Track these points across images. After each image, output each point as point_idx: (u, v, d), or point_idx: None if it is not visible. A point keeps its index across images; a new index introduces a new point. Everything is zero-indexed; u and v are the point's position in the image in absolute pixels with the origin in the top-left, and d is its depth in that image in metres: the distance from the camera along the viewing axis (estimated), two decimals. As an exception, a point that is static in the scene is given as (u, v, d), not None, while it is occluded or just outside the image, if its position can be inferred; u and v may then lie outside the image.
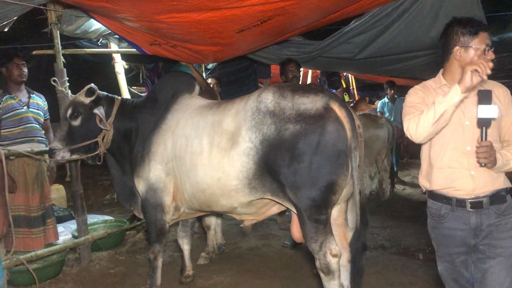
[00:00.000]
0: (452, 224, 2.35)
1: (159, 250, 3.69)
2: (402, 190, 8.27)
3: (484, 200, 2.26)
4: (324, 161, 2.77)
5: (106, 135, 3.69)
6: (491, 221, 2.26)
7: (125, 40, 4.43)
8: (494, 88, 2.27)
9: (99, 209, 7.20)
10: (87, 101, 3.69)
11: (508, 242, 2.25)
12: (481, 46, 2.22)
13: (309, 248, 2.93)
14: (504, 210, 2.28)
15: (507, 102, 2.31)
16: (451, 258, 2.41)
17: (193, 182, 3.27)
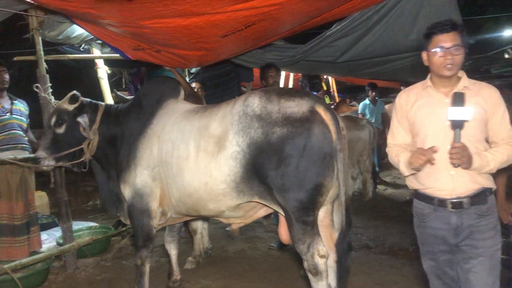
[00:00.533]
0: (434, 224, 2.41)
1: (147, 255, 3.68)
2: (384, 190, 8.41)
3: (464, 201, 2.30)
4: (310, 163, 2.81)
5: (91, 142, 3.68)
6: (472, 222, 2.30)
7: (108, 45, 4.42)
8: (481, 89, 2.34)
9: (82, 215, 7.12)
10: (71, 108, 3.67)
11: (489, 242, 2.30)
12: (437, 49, 2.28)
13: (297, 249, 2.97)
14: (485, 211, 2.31)
15: (494, 103, 2.32)
16: (434, 256, 2.47)
17: (180, 187, 3.28)
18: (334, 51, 4.89)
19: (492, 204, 2.36)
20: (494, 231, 2.32)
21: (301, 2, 3.24)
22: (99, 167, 3.87)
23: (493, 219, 2.33)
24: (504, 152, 2.26)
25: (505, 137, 2.30)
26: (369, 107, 8.47)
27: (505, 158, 2.26)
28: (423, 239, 2.51)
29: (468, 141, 2.25)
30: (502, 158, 2.25)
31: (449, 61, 2.26)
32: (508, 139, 2.29)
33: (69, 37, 4.54)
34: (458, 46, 2.25)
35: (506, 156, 2.26)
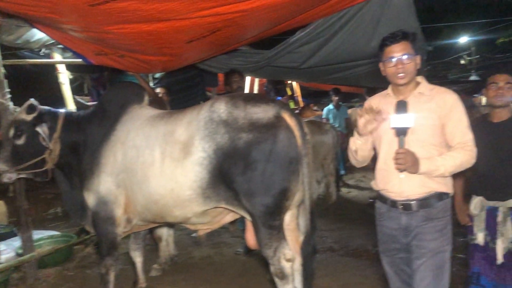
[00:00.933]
0: (388, 223, 2.53)
1: (111, 263, 3.61)
2: (347, 193, 8.56)
3: (413, 203, 2.39)
4: (276, 168, 2.85)
5: (52, 151, 3.59)
6: (419, 223, 2.39)
7: (69, 50, 4.33)
8: (437, 95, 2.40)
9: (43, 224, 6.90)
10: (29, 118, 3.56)
11: (433, 243, 2.38)
12: (388, 60, 2.39)
13: (264, 254, 3.00)
14: (433, 214, 2.38)
15: (448, 108, 2.36)
16: (390, 254, 2.58)
17: (145, 194, 3.24)
18: (298, 57, 4.97)
19: (443, 208, 2.41)
20: (439, 234, 2.38)
21: (265, 9, 3.28)
22: (62, 175, 3.78)
23: (440, 222, 2.39)
24: (457, 157, 2.31)
25: (460, 141, 2.34)
26: (333, 112, 8.62)
27: (458, 163, 2.30)
28: (380, 237, 2.63)
29: (420, 146, 2.34)
30: (454, 163, 2.30)
31: (400, 70, 2.36)
32: (463, 144, 2.33)
33: (28, 41, 4.42)
34: (408, 55, 2.34)
35: (459, 161, 2.30)
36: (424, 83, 2.47)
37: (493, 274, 2.98)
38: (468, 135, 2.36)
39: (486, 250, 3.01)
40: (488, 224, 2.98)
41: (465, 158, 2.31)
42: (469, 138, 2.35)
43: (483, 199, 2.98)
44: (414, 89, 2.45)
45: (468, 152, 2.31)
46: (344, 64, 5.30)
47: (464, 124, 2.36)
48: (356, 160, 2.66)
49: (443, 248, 2.39)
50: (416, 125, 2.34)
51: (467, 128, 2.37)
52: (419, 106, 2.39)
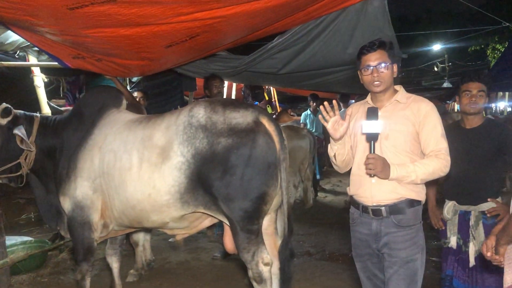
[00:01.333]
0: (360, 228, 2.57)
1: (87, 269, 3.57)
2: (324, 197, 8.65)
3: (383, 209, 2.42)
4: (255, 173, 2.89)
5: (28, 155, 3.56)
6: (390, 230, 2.41)
7: (46, 53, 4.27)
8: (412, 103, 2.46)
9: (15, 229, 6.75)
10: (4, 122, 3.53)
11: (403, 252, 2.39)
12: (364, 68, 2.47)
13: (242, 258, 3.02)
14: (403, 221, 2.40)
15: (423, 116, 2.40)
16: (362, 259, 2.62)
17: (123, 199, 3.22)
18: (275, 63, 5.01)
19: (414, 215, 2.43)
20: (410, 243, 2.40)
21: (243, 16, 3.30)
22: (37, 180, 3.73)
23: (410, 230, 2.41)
24: (429, 164, 2.33)
25: (434, 149, 2.36)
26: (310, 117, 8.71)
27: (430, 170, 2.32)
28: (353, 242, 2.66)
29: (393, 152, 2.41)
30: (426, 170, 2.32)
31: (376, 78, 2.43)
32: (436, 151, 2.35)
33: (2, 43, 4.34)
34: (384, 64, 2.41)
35: (431, 168, 2.32)
36: (402, 92, 2.53)
37: (465, 276, 3.07)
38: (442, 144, 2.38)
39: (459, 253, 3.10)
40: (460, 228, 3.08)
41: (437, 166, 2.33)
42: (443, 146, 2.37)
43: (456, 203, 3.07)
44: (392, 97, 2.51)
45: (441, 161, 2.33)
46: (321, 71, 5.36)
47: (438, 133, 2.39)
48: (336, 166, 2.69)
49: (414, 257, 2.41)
50: (391, 132, 2.42)
51: (442, 136, 2.39)
52: (394, 113, 2.46)
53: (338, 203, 8.13)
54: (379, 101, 2.53)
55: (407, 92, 2.57)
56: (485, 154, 2.98)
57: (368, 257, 2.57)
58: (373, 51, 2.43)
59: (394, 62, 2.47)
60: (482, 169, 2.98)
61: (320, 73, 5.49)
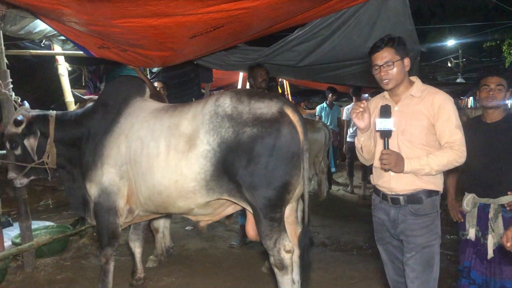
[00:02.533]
0: (379, 214, 2.70)
1: (111, 253, 3.68)
2: (337, 191, 8.70)
3: (401, 198, 2.53)
4: (279, 162, 2.95)
5: (50, 154, 3.72)
6: (406, 218, 2.52)
7: (72, 42, 4.36)
8: (427, 96, 2.50)
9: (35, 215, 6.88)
10: (19, 130, 3.69)
11: (420, 239, 2.50)
12: (373, 67, 2.54)
13: (264, 245, 3.09)
14: (419, 210, 2.50)
15: (437, 109, 2.45)
16: (384, 242, 2.75)
17: (149, 185, 3.31)
18: (295, 56, 5.05)
19: (431, 204, 2.51)
20: (426, 230, 2.49)
21: (267, 7, 3.36)
22: (64, 172, 3.88)
23: (427, 218, 2.50)
24: (443, 156, 2.39)
25: (448, 140, 2.42)
26: (326, 110, 8.73)
27: (444, 162, 2.39)
28: (375, 227, 2.78)
29: (409, 147, 2.49)
30: (440, 162, 2.39)
31: (383, 76, 2.49)
32: (451, 143, 2.41)
33: (31, 32, 4.43)
34: (388, 62, 2.46)
35: (445, 160, 2.39)
36: (417, 84, 2.57)
37: (483, 268, 3.10)
38: (456, 135, 2.42)
39: (477, 246, 3.13)
40: (479, 220, 3.11)
41: (452, 157, 2.38)
42: (457, 137, 2.41)
43: (475, 196, 3.11)
44: (407, 91, 2.55)
45: (455, 152, 2.39)
46: (339, 63, 5.40)
47: (453, 124, 2.43)
48: (363, 158, 2.76)
49: (431, 243, 2.51)
50: (406, 127, 2.50)
51: (456, 127, 2.43)
52: (410, 108, 2.52)
53: (351, 197, 8.18)
54: (394, 95, 2.60)
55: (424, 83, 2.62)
56: (505, 148, 3.02)
57: (389, 240, 2.69)
58: (380, 50, 2.49)
59: (405, 56, 2.51)
60: (502, 163, 3.02)
61: (338, 66, 5.52)
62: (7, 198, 7.32)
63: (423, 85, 2.58)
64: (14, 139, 3.69)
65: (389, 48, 2.47)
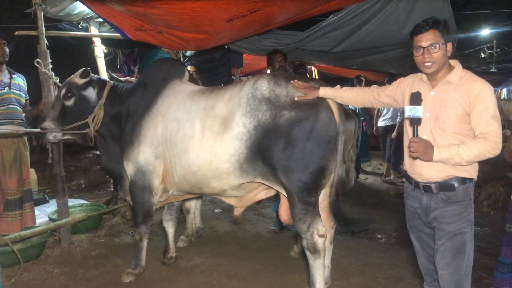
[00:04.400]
0: (412, 202, 2.65)
1: (145, 231, 3.79)
2: (365, 179, 8.66)
3: (433, 186, 2.48)
4: (316, 146, 2.95)
5: (96, 116, 3.77)
6: (438, 205, 2.48)
7: (109, 24, 4.43)
8: (465, 84, 2.39)
9: (68, 194, 7.10)
10: (81, 82, 3.78)
11: (451, 227, 2.46)
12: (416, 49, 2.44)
13: (298, 228, 3.12)
14: (451, 197, 2.45)
15: (474, 98, 2.34)
16: (416, 230, 2.70)
17: (185, 165, 3.37)
18: (329, 42, 5.02)
19: (464, 192, 2.45)
20: (458, 217, 2.45)
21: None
22: (103, 143, 3.94)
23: (459, 206, 2.45)
24: (475, 146, 2.31)
25: (482, 131, 2.32)
26: (355, 98, 8.63)
27: (476, 153, 2.31)
28: (407, 215, 2.75)
29: (441, 135, 2.43)
30: (471, 152, 2.31)
31: (427, 59, 2.41)
32: (485, 134, 2.31)
33: (69, 14, 4.53)
34: (435, 45, 2.37)
35: (477, 151, 2.30)
36: (457, 70, 2.47)
37: None
38: (492, 125, 2.31)
39: None
40: None
41: (484, 149, 2.30)
42: (492, 128, 2.31)
43: None
44: (445, 76, 2.46)
45: (488, 143, 2.29)
46: (373, 49, 5.34)
47: (489, 114, 2.32)
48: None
49: (462, 230, 2.45)
50: (440, 114, 2.44)
51: (492, 118, 2.32)
52: (446, 94, 2.44)
53: (379, 186, 8.13)
54: (432, 79, 2.52)
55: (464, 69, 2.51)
56: None
57: (421, 228, 2.65)
58: (425, 31, 2.39)
59: (449, 41, 2.42)
60: None
61: (372, 52, 5.46)
62: (43, 176, 7.57)
63: (463, 71, 2.47)
64: (72, 88, 3.78)
65: (434, 30, 2.37)
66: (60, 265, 4.04)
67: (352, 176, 7.62)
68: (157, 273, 3.95)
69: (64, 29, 5.09)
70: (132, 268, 3.81)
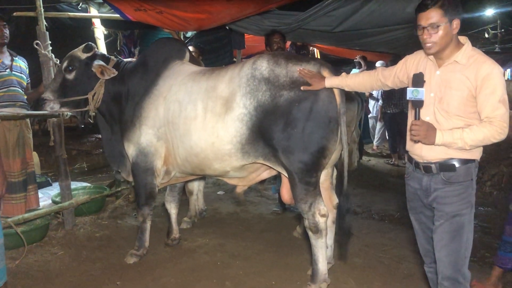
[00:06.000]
0: (412, 183, 2.59)
1: (148, 213, 3.80)
2: (368, 161, 8.65)
3: (433, 166, 2.41)
4: (316, 126, 2.93)
5: (96, 93, 3.74)
6: (438, 186, 2.41)
7: (109, 4, 4.38)
8: (473, 64, 2.26)
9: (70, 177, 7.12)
10: (84, 56, 3.75)
11: (449, 207, 2.38)
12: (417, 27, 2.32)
13: (299, 208, 3.12)
14: (452, 178, 2.37)
15: (482, 80, 2.22)
16: (416, 211, 2.65)
17: (187, 146, 3.36)
18: (331, 21, 4.95)
19: (465, 172, 2.36)
20: (457, 198, 2.37)
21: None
22: (104, 121, 3.94)
23: (459, 186, 2.37)
24: (480, 131, 2.21)
25: (488, 115, 2.22)
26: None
27: (480, 137, 2.22)
28: (407, 196, 2.68)
29: (445, 117, 2.33)
30: (475, 137, 2.22)
31: (427, 39, 2.30)
32: (491, 118, 2.21)
33: (69, -6, 4.49)
34: (433, 25, 2.25)
35: (481, 136, 2.21)
36: (465, 49, 2.33)
37: None
38: (499, 110, 2.20)
39: None
40: None
41: (489, 133, 2.20)
42: (499, 113, 2.20)
43: None
44: (452, 55, 2.33)
45: (494, 127, 2.19)
46: (376, 29, 5.28)
47: (496, 98, 2.20)
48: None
49: (461, 212, 2.37)
50: (445, 95, 2.33)
51: (500, 102, 2.20)
52: (452, 75, 2.32)
53: (382, 167, 8.13)
54: (438, 58, 2.39)
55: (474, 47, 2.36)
56: None
57: (421, 209, 2.60)
58: (426, 9, 2.26)
59: (454, 18, 2.26)
60: None
61: (375, 32, 5.39)
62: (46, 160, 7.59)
63: (472, 49, 2.33)
64: (74, 61, 3.74)
65: (436, 8, 2.23)
66: (64, 247, 4.06)
67: (355, 158, 7.61)
68: (160, 254, 3.98)
69: (63, 10, 5.02)
70: (135, 250, 3.83)
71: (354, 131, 7.40)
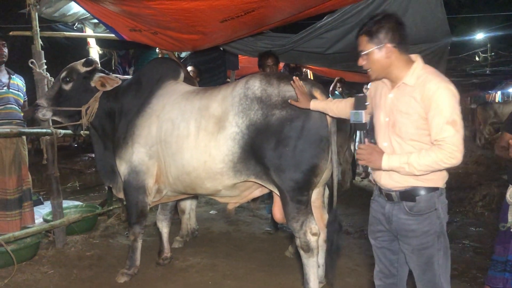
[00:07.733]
0: (376, 207, 2.49)
1: (140, 231, 3.79)
2: (360, 181, 8.68)
3: (393, 194, 2.29)
4: (307, 145, 2.97)
5: (90, 107, 3.80)
6: (401, 216, 2.28)
7: (104, 24, 4.44)
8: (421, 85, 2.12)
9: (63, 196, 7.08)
10: (83, 70, 3.83)
11: (415, 240, 2.26)
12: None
13: (291, 227, 3.13)
14: (414, 209, 2.24)
15: (428, 101, 2.08)
16: (375, 236, 2.54)
17: (179, 165, 3.38)
18: (323, 43, 5.03)
19: (426, 203, 2.22)
20: (421, 231, 2.24)
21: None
22: (96, 136, 3.97)
23: (422, 217, 2.24)
24: (427, 155, 2.06)
25: (436, 138, 2.07)
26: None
27: (428, 162, 2.06)
28: (369, 219, 2.59)
29: (398, 142, 2.23)
30: (423, 162, 2.07)
31: (364, 66, 2.26)
32: (440, 141, 2.05)
33: (64, 14, 4.55)
34: (362, 51, 2.21)
35: (429, 160, 2.05)
36: (414, 69, 2.19)
37: None
38: (446, 132, 2.03)
39: None
40: None
41: (437, 158, 2.03)
42: (446, 135, 2.03)
43: None
44: (401, 77, 2.20)
45: (442, 152, 2.03)
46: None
47: (443, 120, 2.04)
48: None
49: (427, 244, 2.25)
50: (396, 119, 2.22)
51: (447, 123, 2.03)
52: (401, 98, 2.21)
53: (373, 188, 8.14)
54: (392, 81, 2.27)
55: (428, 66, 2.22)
56: None
57: (381, 234, 2.48)
58: (357, 37, 2.24)
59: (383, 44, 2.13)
60: None
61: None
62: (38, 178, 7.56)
63: (423, 68, 2.18)
64: (73, 73, 3.82)
65: (363, 36, 2.19)
66: (54, 266, 4.03)
67: (347, 178, 7.65)
68: (151, 273, 3.96)
69: (58, 30, 5.09)
70: (126, 269, 3.80)
71: (347, 151, 7.46)
